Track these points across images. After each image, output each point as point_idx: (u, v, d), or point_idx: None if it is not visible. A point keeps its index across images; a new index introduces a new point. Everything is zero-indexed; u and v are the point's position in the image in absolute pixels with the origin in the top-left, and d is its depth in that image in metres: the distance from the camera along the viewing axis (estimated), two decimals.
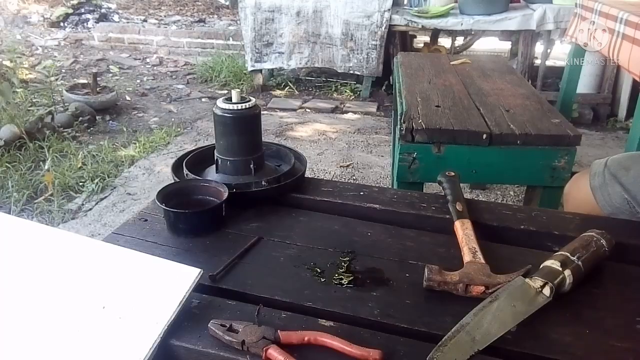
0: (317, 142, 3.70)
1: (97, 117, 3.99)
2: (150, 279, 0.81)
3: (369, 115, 4.32)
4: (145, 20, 6.92)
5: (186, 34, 6.09)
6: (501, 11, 4.02)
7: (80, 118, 3.83)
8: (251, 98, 1.14)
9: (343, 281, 0.87)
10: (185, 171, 1.15)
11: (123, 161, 3.32)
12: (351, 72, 4.58)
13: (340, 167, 3.29)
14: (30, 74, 4.71)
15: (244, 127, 1.13)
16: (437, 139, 1.56)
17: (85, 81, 4.61)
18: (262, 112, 1.17)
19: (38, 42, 6.26)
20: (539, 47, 4.35)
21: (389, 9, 4.21)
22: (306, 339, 0.72)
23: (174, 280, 0.80)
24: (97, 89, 4.28)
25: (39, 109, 3.86)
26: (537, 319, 0.77)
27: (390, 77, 4.43)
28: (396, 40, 4.48)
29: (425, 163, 1.57)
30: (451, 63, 2.49)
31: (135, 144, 3.58)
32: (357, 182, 3.02)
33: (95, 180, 3.00)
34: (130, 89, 4.91)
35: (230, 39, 5.85)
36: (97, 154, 3.33)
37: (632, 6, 1.78)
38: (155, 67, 5.67)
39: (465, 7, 4.10)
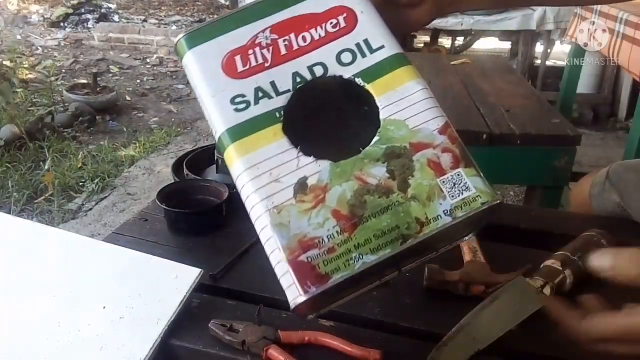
0: None
1: (97, 117, 3.99)
2: (150, 279, 0.81)
3: None
4: (145, 20, 6.92)
5: None
6: (501, 11, 4.01)
7: (80, 118, 3.82)
8: None
9: None
10: (185, 171, 1.15)
11: (123, 161, 3.31)
12: None
13: None
14: (30, 74, 4.70)
15: None
16: None
17: (85, 81, 4.61)
18: None
19: (38, 42, 6.26)
20: (539, 47, 4.34)
21: None
22: (306, 339, 0.72)
23: (174, 280, 0.80)
24: (97, 89, 4.28)
25: (39, 109, 3.86)
26: (537, 318, 0.77)
27: None
28: None
29: None
30: (451, 63, 2.49)
31: (135, 144, 3.57)
32: None
33: (95, 180, 3.00)
34: (130, 89, 4.91)
35: None
36: (97, 154, 3.33)
37: (632, 6, 1.78)
38: (155, 67, 5.67)
39: None
